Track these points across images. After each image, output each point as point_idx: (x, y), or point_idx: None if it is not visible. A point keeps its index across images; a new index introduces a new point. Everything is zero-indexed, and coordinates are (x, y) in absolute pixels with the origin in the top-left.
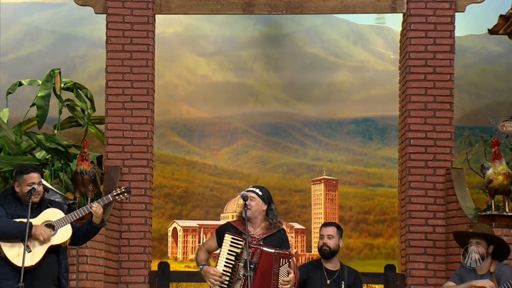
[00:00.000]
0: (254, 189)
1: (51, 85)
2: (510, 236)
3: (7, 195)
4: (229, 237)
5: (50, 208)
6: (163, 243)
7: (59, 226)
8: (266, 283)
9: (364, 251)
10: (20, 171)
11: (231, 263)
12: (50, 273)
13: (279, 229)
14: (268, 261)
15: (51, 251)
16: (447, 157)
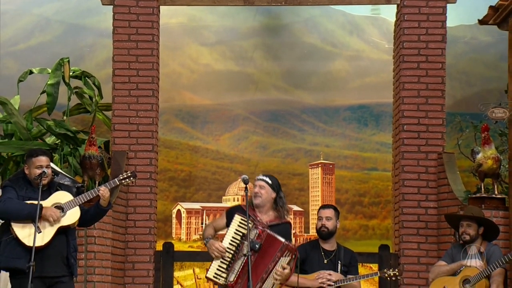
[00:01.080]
0: (264, 177)
1: (61, 74)
2: (499, 217)
3: (18, 178)
4: (238, 217)
5: (59, 191)
6: (168, 224)
7: (68, 208)
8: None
9: (359, 232)
10: (29, 154)
11: (236, 242)
12: (60, 253)
13: (285, 222)
14: (272, 247)
15: (60, 232)
16: (438, 142)
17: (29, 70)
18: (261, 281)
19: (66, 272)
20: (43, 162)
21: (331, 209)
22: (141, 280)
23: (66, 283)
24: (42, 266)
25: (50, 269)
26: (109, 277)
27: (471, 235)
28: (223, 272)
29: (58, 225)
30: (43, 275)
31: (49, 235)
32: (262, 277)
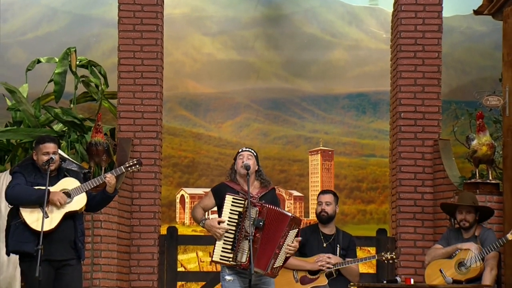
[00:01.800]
0: (250, 149)
1: (67, 63)
2: (493, 202)
3: (27, 165)
4: (230, 197)
5: (67, 178)
6: (172, 209)
7: (75, 194)
8: (273, 241)
9: (357, 217)
10: (37, 141)
11: (235, 221)
12: (67, 237)
13: (271, 188)
14: (278, 221)
15: (67, 217)
16: (435, 129)
17: (37, 59)
18: (274, 257)
19: (73, 255)
20: (51, 148)
21: (331, 195)
22: (146, 263)
23: (74, 266)
24: (50, 249)
25: (58, 252)
26: (115, 260)
27: (470, 222)
28: (228, 253)
29: (65, 210)
30: (51, 258)
31: (57, 220)
32: (275, 253)
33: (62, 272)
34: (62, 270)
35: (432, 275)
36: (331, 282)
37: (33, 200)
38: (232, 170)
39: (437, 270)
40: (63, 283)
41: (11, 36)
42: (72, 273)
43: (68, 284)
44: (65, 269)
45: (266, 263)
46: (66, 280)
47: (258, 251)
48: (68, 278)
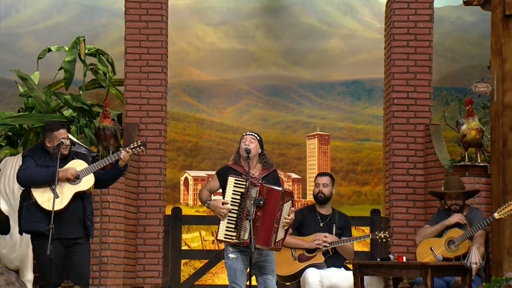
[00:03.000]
0: (253, 133)
1: (77, 51)
2: (481, 184)
3: (37, 148)
4: (232, 179)
5: (75, 160)
6: (176, 190)
7: (83, 175)
8: (271, 217)
9: (352, 198)
10: (50, 129)
11: (237, 202)
12: (77, 216)
13: (272, 170)
14: (273, 197)
15: (77, 197)
16: (426, 114)
17: (47, 48)
18: (275, 231)
19: (82, 234)
20: (64, 135)
21: (328, 177)
22: (151, 242)
23: (83, 244)
24: (60, 228)
25: (68, 231)
26: (122, 239)
27: (460, 205)
28: (232, 231)
29: (75, 191)
30: (61, 236)
31: (66, 200)
32: (274, 227)
33: (72, 250)
34: (72, 248)
35: (423, 253)
36: (327, 260)
37: (43, 180)
38: (236, 153)
39: (428, 249)
40: (72, 260)
41: (23, 26)
42: (81, 251)
43: (78, 261)
44: (75, 247)
45: (269, 239)
46: (75, 257)
47: (260, 228)
48: (77, 255)
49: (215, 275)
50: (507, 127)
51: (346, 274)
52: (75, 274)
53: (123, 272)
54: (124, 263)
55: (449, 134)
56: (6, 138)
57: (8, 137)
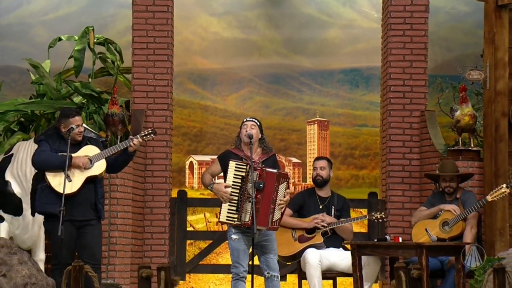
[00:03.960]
0: (254, 119)
1: (86, 40)
2: (475, 167)
3: (52, 133)
4: (233, 163)
5: (88, 145)
6: (181, 174)
7: (95, 160)
8: (268, 199)
9: (351, 181)
10: (66, 115)
11: (238, 185)
12: (88, 199)
13: (272, 154)
14: (270, 179)
15: (89, 181)
16: (421, 101)
17: (58, 37)
18: (272, 212)
19: (94, 216)
20: (78, 121)
21: (325, 160)
22: (158, 223)
23: (94, 226)
24: (72, 210)
25: (80, 213)
26: (130, 221)
27: (454, 187)
28: (233, 213)
29: (87, 175)
30: (73, 218)
31: (78, 184)
32: (271, 208)
33: (84, 231)
34: (83, 229)
35: (418, 234)
36: (326, 240)
37: (57, 165)
38: (237, 138)
39: (423, 230)
40: (84, 240)
41: (34, 16)
42: (92, 232)
43: (89, 241)
44: (86, 228)
45: (266, 219)
46: (87, 238)
47: (260, 210)
48: (89, 236)
49: (219, 255)
50: (499, 113)
51: (344, 254)
52: (87, 253)
53: (131, 252)
54: (132, 244)
55: (443, 120)
56: (18, 123)
57: (20, 122)
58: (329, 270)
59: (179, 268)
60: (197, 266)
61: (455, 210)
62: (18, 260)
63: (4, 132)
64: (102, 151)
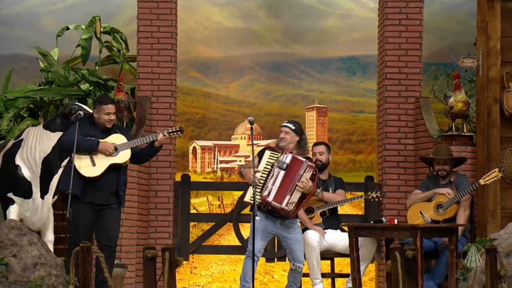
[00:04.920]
0: (288, 124)
1: (93, 30)
2: (467, 152)
3: (86, 117)
4: (268, 152)
5: (116, 134)
6: (185, 159)
7: (121, 149)
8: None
9: (348, 165)
10: (100, 102)
11: (267, 170)
12: (110, 185)
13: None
14: (297, 166)
15: (112, 168)
16: (416, 88)
17: (66, 27)
18: (289, 193)
19: (114, 201)
20: (111, 109)
21: (323, 145)
22: (162, 206)
23: (114, 209)
24: (93, 194)
25: (100, 197)
26: (136, 203)
27: (447, 171)
28: (258, 194)
29: (110, 162)
30: (93, 202)
31: (101, 169)
32: (289, 189)
33: (103, 214)
34: (103, 212)
35: (413, 216)
36: (325, 220)
37: (83, 147)
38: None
39: (418, 212)
40: (102, 222)
41: (42, 6)
42: (111, 215)
43: (107, 223)
44: (106, 211)
45: (282, 198)
46: (105, 220)
47: (278, 188)
48: (107, 218)
49: (221, 237)
50: (491, 99)
51: (342, 236)
52: (104, 235)
53: (136, 234)
54: (137, 225)
55: (437, 106)
56: (28, 110)
57: (30, 109)
58: (327, 251)
59: (182, 249)
60: (200, 247)
61: (449, 193)
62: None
63: (14, 118)
64: (129, 141)
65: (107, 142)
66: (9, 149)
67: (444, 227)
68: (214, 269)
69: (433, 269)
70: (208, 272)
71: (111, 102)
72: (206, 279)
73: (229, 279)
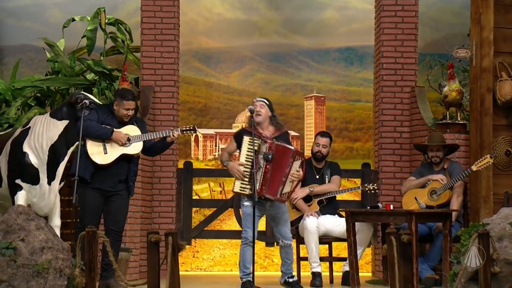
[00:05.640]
0: (263, 99)
1: (98, 21)
2: (461, 139)
3: (106, 106)
4: (246, 138)
5: (130, 125)
6: (187, 146)
7: (134, 140)
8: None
9: (345, 153)
10: (122, 96)
11: (250, 158)
12: (120, 174)
13: (284, 132)
14: (284, 155)
15: (123, 159)
16: (412, 77)
17: (71, 18)
18: (282, 184)
19: (123, 188)
20: (131, 106)
21: (328, 139)
22: (165, 192)
23: (122, 196)
24: (103, 181)
25: (109, 185)
26: (140, 189)
27: (441, 157)
28: (246, 185)
29: (122, 152)
30: (102, 188)
31: (112, 158)
32: (282, 181)
33: (112, 199)
34: (112, 198)
35: (408, 202)
36: (322, 208)
37: (97, 135)
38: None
39: (413, 198)
40: (110, 208)
41: None
42: (119, 201)
43: (115, 209)
44: (115, 197)
45: (276, 189)
46: (113, 205)
47: (269, 180)
48: (115, 204)
49: (222, 222)
50: (484, 88)
51: (339, 221)
52: (112, 219)
53: (140, 219)
54: (142, 211)
55: (432, 95)
56: (35, 99)
57: (37, 98)
58: (325, 235)
59: (185, 233)
60: (202, 232)
61: (443, 179)
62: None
63: (21, 107)
64: (143, 134)
65: (121, 132)
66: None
67: (438, 212)
68: (215, 253)
69: (428, 253)
70: (210, 256)
71: (132, 99)
72: (208, 263)
73: (230, 263)
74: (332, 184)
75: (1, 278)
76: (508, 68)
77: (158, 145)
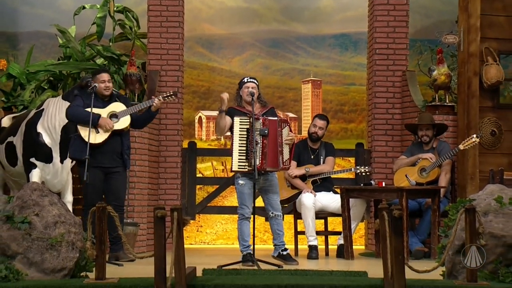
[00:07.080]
0: (254, 79)
1: (107, 9)
2: (449, 120)
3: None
4: (237, 119)
5: (116, 102)
6: (192, 127)
7: (121, 116)
8: (275, 142)
9: (340, 133)
10: (94, 73)
11: (244, 136)
12: (115, 149)
13: (270, 107)
14: (273, 126)
15: (115, 134)
16: (403, 62)
17: (82, 6)
18: (281, 153)
19: (120, 164)
20: (105, 77)
21: (325, 122)
22: (171, 170)
23: (120, 173)
24: (100, 158)
25: (107, 161)
26: (147, 168)
27: (430, 136)
28: (244, 162)
29: (113, 129)
30: (101, 165)
31: (104, 136)
32: (279, 150)
33: (111, 177)
34: (111, 175)
35: (399, 179)
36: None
37: (85, 121)
38: (238, 96)
39: (403, 175)
40: (111, 185)
41: None
42: (118, 178)
43: (115, 186)
44: (113, 175)
45: (276, 161)
46: (113, 183)
47: (268, 154)
48: (115, 181)
49: (224, 198)
50: (471, 72)
51: (334, 197)
52: (113, 196)
53: (147, 196)
54: (148, 188)
55: (422, 79)
56: (48, 82)
57: (50, 81)
58: (321, 211)
59: (189, 209)
60: (206, 208)
61: (432, 158)
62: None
63: (35, 90)
64: (128, 108)
65: (107, 119)
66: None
67: (428, 189)
68: (218, 227)
69: (418, 227)
70: (213, 230)
71: (104, 71)
72: (211, 237)
73: (232, 237)
74: (327, 165)
75: (17, 250)
76: (494, 53)
77: (144, 116)
